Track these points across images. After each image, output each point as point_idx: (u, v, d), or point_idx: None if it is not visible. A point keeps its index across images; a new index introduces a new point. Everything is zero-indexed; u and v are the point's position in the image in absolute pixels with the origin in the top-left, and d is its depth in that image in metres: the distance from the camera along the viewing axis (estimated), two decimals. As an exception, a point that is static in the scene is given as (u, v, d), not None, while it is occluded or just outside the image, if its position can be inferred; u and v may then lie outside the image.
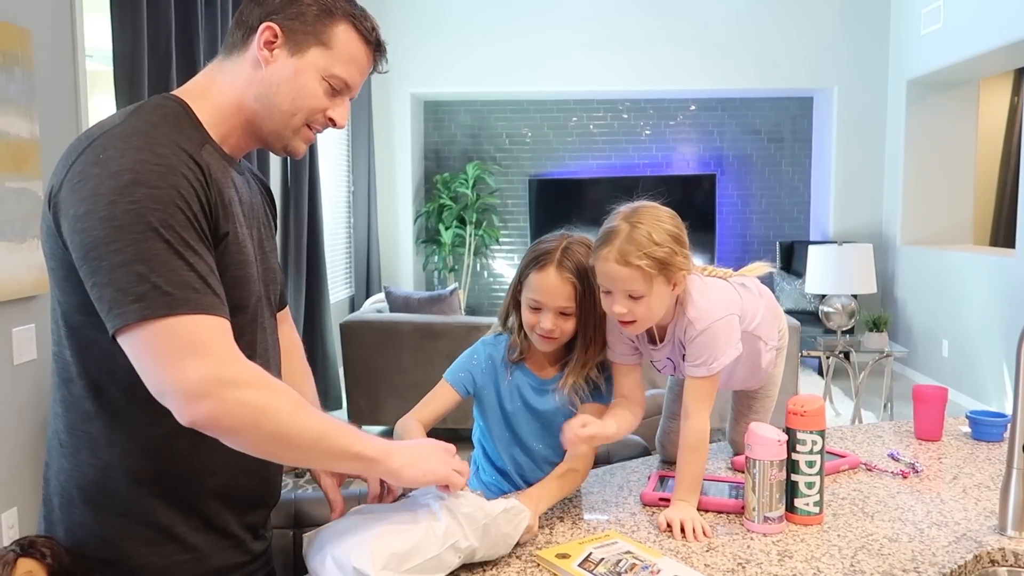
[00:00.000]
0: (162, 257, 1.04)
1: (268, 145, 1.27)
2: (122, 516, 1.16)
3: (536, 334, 1.60)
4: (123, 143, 1.09)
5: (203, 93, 1.23)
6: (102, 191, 1.05)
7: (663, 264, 1.46)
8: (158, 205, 1.05)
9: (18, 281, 2.60)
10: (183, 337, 1.04)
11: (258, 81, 1.21)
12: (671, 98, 7.45)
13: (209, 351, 1.05)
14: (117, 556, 1.16)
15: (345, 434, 1.16)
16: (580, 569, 1.23)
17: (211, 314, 1.07)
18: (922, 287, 6.41)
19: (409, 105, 7.02)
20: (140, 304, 1.03)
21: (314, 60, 1.21)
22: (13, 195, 2.57)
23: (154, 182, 1.06)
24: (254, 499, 1.30)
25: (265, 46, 1.20)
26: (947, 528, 1.42)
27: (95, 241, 1.04)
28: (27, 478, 2.69)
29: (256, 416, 1.07)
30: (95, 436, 1.16)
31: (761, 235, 7.56)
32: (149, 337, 1.04)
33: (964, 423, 2.04)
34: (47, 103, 2.78)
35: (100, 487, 1.16)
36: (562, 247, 1.58)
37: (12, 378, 2.63)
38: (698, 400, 1.54)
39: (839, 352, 4.63)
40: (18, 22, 2.63)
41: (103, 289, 1.04)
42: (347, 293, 6.54)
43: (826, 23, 6.81)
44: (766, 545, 1.36)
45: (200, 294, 1.06)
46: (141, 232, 1.04)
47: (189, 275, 1.06)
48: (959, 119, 6.55)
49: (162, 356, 1.04)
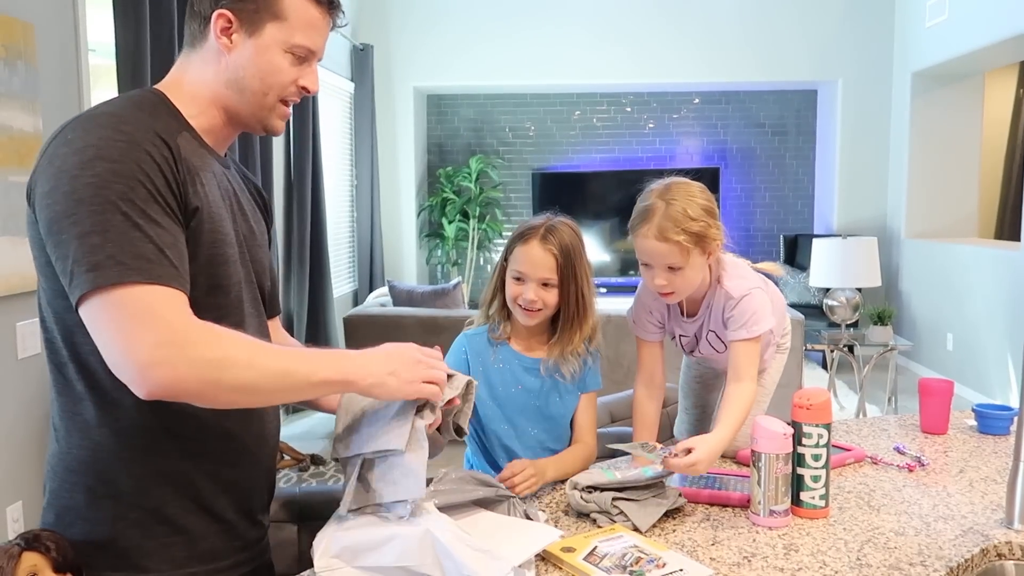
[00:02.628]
0: (119, 228, 1.05)
1: (247, 127, 1.28)
2: (112, 498, 1.17)
3: (519, 306, 1.66)
4: (89, 123, 1.11)
5: (178, 85, 1.24)
6: (66, 167, 1.07)
7: (699, 237, 1.56)
8: (118, 179, 1.06)
9: (22, 275, 2.60)
10: (133, 306, 1.03)
11: (224, 68, 1.22)
12: (675, 91, 7.43)
13: (158, 319, 1.04)
14: (107, 539, 1.17)
15: (308, 363, 1.15)
16: (586, 563, 1.23)
17: (164, 284, 1.06)
18: (927, 280, 6.40)
19: (412, 99, 7.01)
20: (93, 274, 1.03)
21: (272, 35, 1.21)
22: (16, 189, 2.57)
23: (115, 157, 1.07)
24: (248, 485, 1.30)
25: (222, 33, 1.20)
26: (954, 522, 1.41)
27: (57, 215, 1.06)
28: (32, 472, 2.70)
29: (212, 372, 1.05)
30: (86, 418, 1.16)
31: (765, 228, 7.55)
32: (101, 306, 1.04)
33: (970, 416, 2.03)
34: (50, 97, 2.77)
35: (90, 469, 1.17)
36: (547, 224, 1.68)
37: (17, 372, 2.63)
38: (746, 364, 1.62)
39: (843, 345, 4.62)
40: (21, 16, 2.63)
41: (64, 262, 1.06)
42: (350, 287, 6.54)
43: (830, 15, 6.78)
44: (772, 539, 1.36)
45: (154, 264, 1.06)
46: (99, 205, 1.05)
47: (145, 246, 1.06)
48: (964, 112, 6.52)
49: (113, 327, 1.04)
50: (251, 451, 1.28)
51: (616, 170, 7.36)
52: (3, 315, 2.57)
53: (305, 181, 5.16)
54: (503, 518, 1.35)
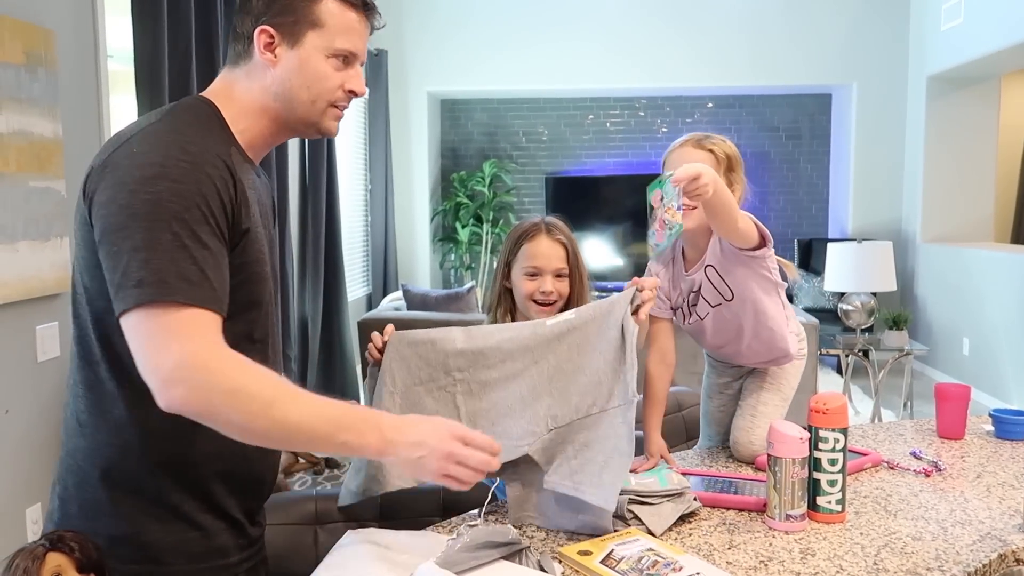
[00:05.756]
0: (167, 247, 1.09)
1: (302, 133, 1.33)
2: (135, 494, 1.21)
3: (534, 302, 1.72)
4: (156, 139, 1.15)
5: (228, 97, 1.28)
6: (127, 180, 1.11)
7: (730, 162, 1.73)
8: (175, 198, 1.10)
9: (42, 279, 2.62)
10: (168, 325, 1.08)
11: (271, 82, 1.26)
12: (688, 95, 7.42)
13: (189, 339, 1.08)
14: (129, 532, 1.20)
15: (328, 423, 1.13)
16: (602, 566, 1.24)
17: (201, 307, 1.10)
18: (942, 285, 6.36)
19: (426, 104, 7.03)
20: (138, 289, 1.08)
21: (313, 43, 1.25)
22: (37, 194, 2.60)
23: (177, 177, 1.11)
24: (253, 487, 1.34)
25: (266, 49, 1.25)
26: (971, 527, 1.41)
27: (112, 226, 1.10)
28: (50, 474, 2.71)
29: (222, 401, 1.08)
30: (116, 417, 1.20)
31: (779, 232, 7.52)
32: (139, 320, 1.09)
33: (987, 421, 2.03)
34: (69, 103, 2.80)
35: (117, 466, 1.20)
36: (544, 221, 1.78)
37: (36, 375, 2.66)
38: None
39: (858, 350, 4.60)
40: (42, 23, 2.66)
41: (112, 273, 1.11)
42: (364, 291, 6.56)
43: (845, 19, 6.76)
44: (788, 543, 1.36)
45: (195, 286, 1.10)
46: (152, 222, 1.09)
47: (190, 268, 1.10)
48: (979, 115, 6.48)
49: (146, 341, 1.09)
50: (260, 456, 1.32)
51: (629, 174, 7.35)
52: (23, 319, 2.59)
53: (320, 186, 5.19)
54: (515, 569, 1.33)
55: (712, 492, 1.54)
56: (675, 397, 2.38)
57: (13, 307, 2.55)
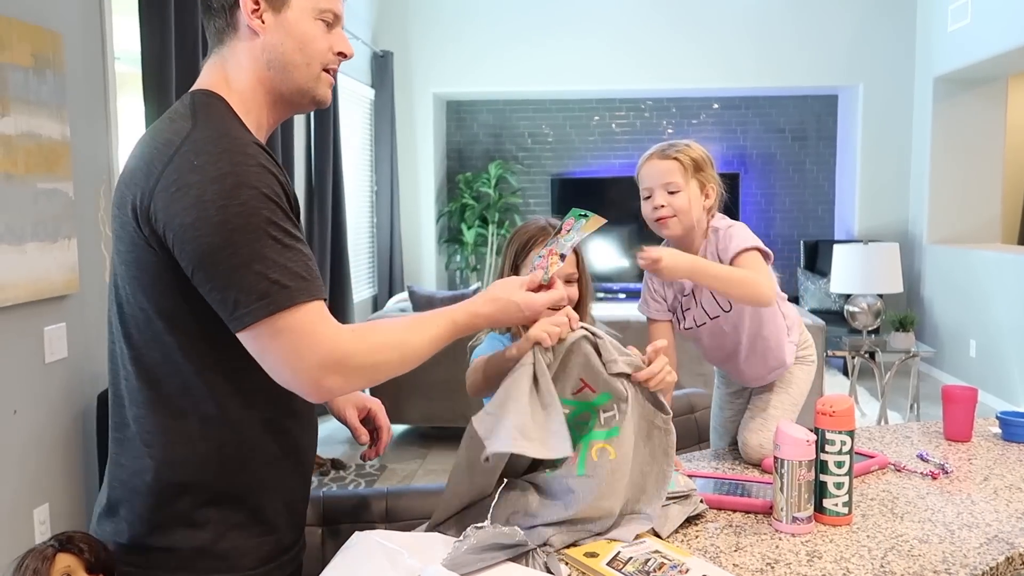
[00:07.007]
0: (274, 254, 1.11)
1: (296, 105, 1.30)
2: (215, 505, 1.22)
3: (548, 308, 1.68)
4: (212, 147, 1.13)
5: (225, 84, 1.25)
6: (208, 197, 1.09)
7: (697, 165, 1.72)
8: (262, 204, 1.11)
9: (50, 281, 2.63)
10: (299, 329, 1.12)
11: (262, 51, 1.24)
12: (694, 96, 7.42)
13: (319, 338, 1.13)
14: (210, 541, 1.21)
15: (434, 328, 1.27)
16: (609, 568, 1.24)
17: (317, 299, 1.15)
18: (949, 286, 6.34)
19: (432, 105, 7.04)
20: (265, 301, 1.10)
21: (300, 5, 1.24)
22: (45, 196, 2.61)
23: (253, 182, 1.12)
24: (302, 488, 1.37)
25: (252, 15, 1.22)
26: (978, 529, 1.40)
27: (211, 247, 1.09)
28: (58, 475, 2.73)
29: (372, 374, 1.19)
30: (190, 433, 1.20)
31: (785, 234, 7.52)
32: (270, 333, 1.11)
33: (994, 424, 2.02)
34: (77, 105, 2.82)
35: (195, 478, 1.21)
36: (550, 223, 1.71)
37: (44, 376, 2.67)
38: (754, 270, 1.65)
39: (865, 352, 4.59)
40: (50, 26, 2.67)
41: (225, 292, 1.10)
42: (370, 292, 6.57)
43: (852, 20, 6.75)
44: (795, 545, 1.36)
45: (308, 281, 1.14)
46: (251, 233, 1.10)
47: (298, 265, 1.14)
48: (986, 116, 6.47)
49: (282, 352, 1.12)
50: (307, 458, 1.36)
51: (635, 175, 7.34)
52: (30, 320, 2.61)
53: (326, 187, 5.20)
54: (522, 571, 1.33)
55: (719, 494, 1.54)
56: (687, 399, 2.38)
57: (21, 308, 2.56)
